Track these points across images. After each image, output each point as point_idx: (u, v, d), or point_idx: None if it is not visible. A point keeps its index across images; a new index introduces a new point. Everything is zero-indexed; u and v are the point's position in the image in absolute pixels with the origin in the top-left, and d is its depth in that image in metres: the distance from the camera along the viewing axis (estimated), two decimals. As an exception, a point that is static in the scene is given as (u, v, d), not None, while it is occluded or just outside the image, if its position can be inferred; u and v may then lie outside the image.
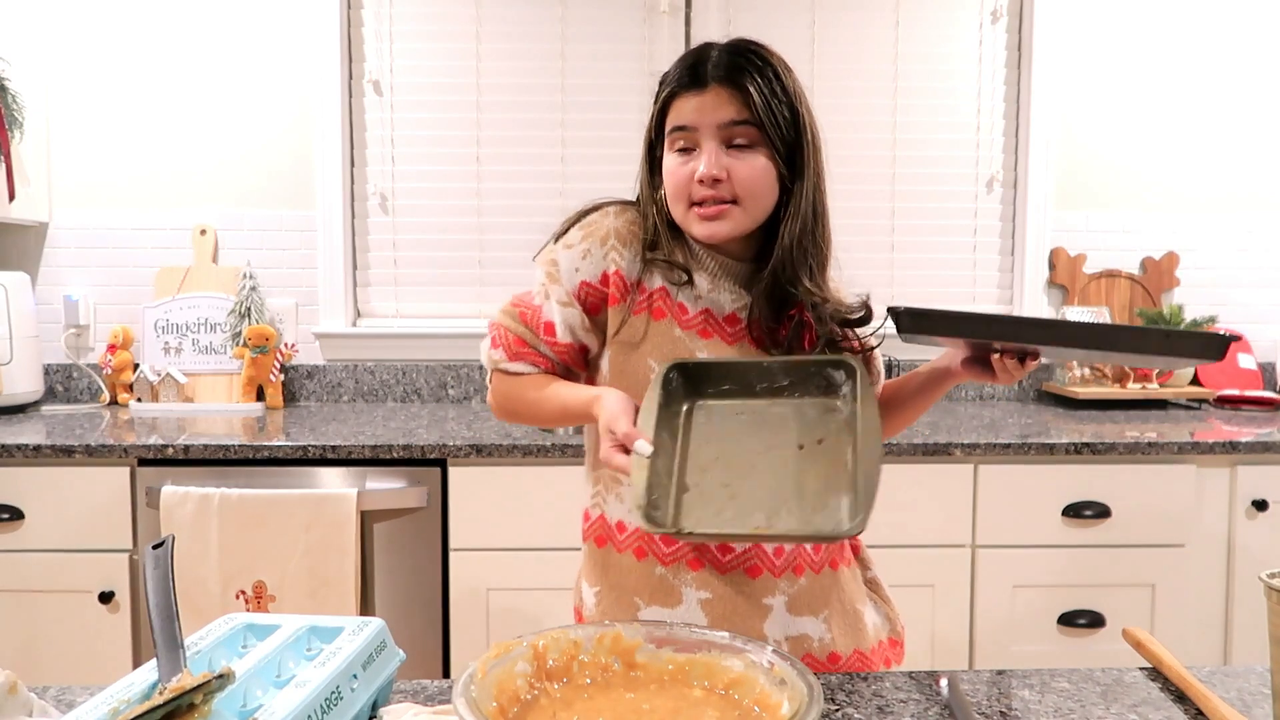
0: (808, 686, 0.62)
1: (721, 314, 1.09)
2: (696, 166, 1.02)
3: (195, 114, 2.46)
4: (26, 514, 1.88)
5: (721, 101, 1.01)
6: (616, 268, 1.07)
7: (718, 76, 1.01)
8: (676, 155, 1.05)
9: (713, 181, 1.02)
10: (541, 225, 2.51)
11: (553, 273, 1.09)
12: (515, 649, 0.69)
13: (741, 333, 1.08)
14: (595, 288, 1.08)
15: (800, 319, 1.06)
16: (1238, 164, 2.61)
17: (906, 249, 2.58)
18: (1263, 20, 2.57)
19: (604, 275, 1.08)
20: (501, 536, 1.90)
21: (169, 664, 0.67)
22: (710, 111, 1.01)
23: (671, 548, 1.06)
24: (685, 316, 1.08)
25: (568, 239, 1.10)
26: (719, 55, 1.03)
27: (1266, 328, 2.63)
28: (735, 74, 1.01)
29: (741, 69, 1.01)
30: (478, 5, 2.49)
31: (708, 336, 1.08)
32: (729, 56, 1.02)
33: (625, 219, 1.10)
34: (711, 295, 1.09)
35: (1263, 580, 0.74)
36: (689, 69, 1.03)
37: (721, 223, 1.04)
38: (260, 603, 1.84)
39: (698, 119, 1.02)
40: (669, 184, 1.06)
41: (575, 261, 1.08)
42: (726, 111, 1.01)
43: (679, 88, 1.04)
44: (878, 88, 2.55)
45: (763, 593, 1.05)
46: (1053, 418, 2.26)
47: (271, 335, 2.38)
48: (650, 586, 1.08)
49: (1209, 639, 2.02)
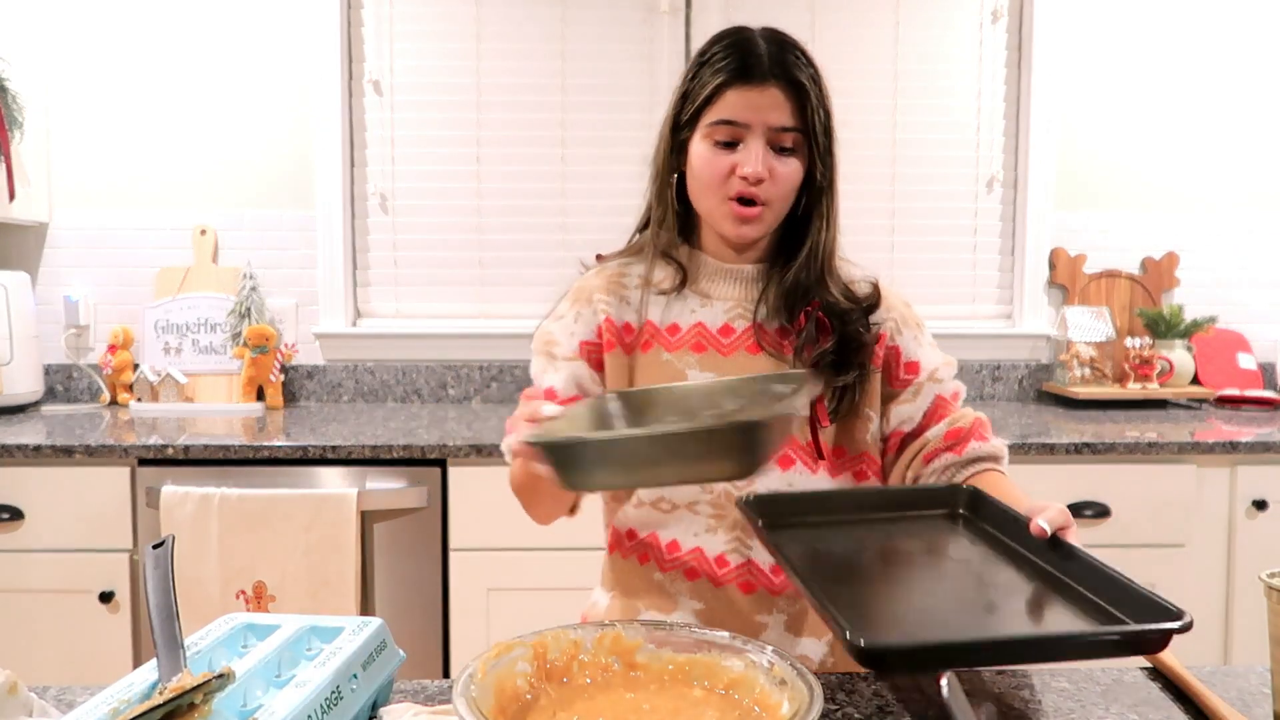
0: (808, 686, 0.62)
1: (715, 325, 1.08)
2: (738, 161, 1.01)
3: (195, 114, 2.46)
4: (26, 514, 1.88)
5: (776, 103, 1.00)
6: (606, 316, 1.09)
7: (776, 75, 1.00)
8: (715, 146, 1.03)
9: (757, 180, 1.01)
10: (541, 225, 2.55)
11: (550, 345, 1.10)
12: (515, 649, 0.69)
13: (738, 343, 1.07)
14: (593, 344, 1.09)
15: (816, 316, 1.05)
16: (1238, 164, 2.60)
17: (906, 249, 2.58)
18: (1263, 20, 2.57)
19: (598, 329, 1.09)
20: (501, 536, 1.90)
21: (169, 664, 0.67)
22: (765, 111, 1.00)
23: (672, 555, 1.07)
24: (675, 336, 1.08)
25: (557, 311, 1.13)
26: (771, 50, 1.01)
27: (1266, 328, 2.63)
28: (791, 74, 1.00)
29: (796, 68, 1.01)
30: (478, 5, 2.49)
31: (701, 350, 1.07)
32: (780, 52, 1.01)
33: (605, 275, 1.12)
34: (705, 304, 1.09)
35: (1263, 580, 0.74)
36: (741, 60, 1.01)
37: (755, 226, 1.04)
38: (260, 603, 1.84)
39: (751, 116, 1.00)
40: (704, 173, 1.04)
41: (570, 326, 1.10)
42: (781, 115, 1.01)
43: (732, 79, 1.01)
44: (877, 88, 2.55)
45: (757, 610, 1.06)
46: (1053, 418, 2.26)
47: (271, 335, 2.38)
48: (650, 590, 1.09)
49: (1209, 639, 2.02)
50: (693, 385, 0.97)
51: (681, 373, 1.06)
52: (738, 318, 1.08)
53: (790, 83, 1.00)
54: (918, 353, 1.11)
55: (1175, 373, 2.46)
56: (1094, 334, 2.48)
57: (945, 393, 1.11)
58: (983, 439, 1.09)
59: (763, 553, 1.05)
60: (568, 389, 1.07)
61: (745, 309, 1.09)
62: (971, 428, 1.09)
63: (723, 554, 1.06)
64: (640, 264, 1.13)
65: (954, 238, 2.60)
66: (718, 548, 1.06)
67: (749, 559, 1.06)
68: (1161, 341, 2.49)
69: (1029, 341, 2.60)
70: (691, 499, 1.07)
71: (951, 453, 1.08)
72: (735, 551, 1.06)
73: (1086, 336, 2.48)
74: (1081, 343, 2.47)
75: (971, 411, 1.11)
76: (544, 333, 1.12)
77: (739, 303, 1.09)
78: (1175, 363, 2.46)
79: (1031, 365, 2.60)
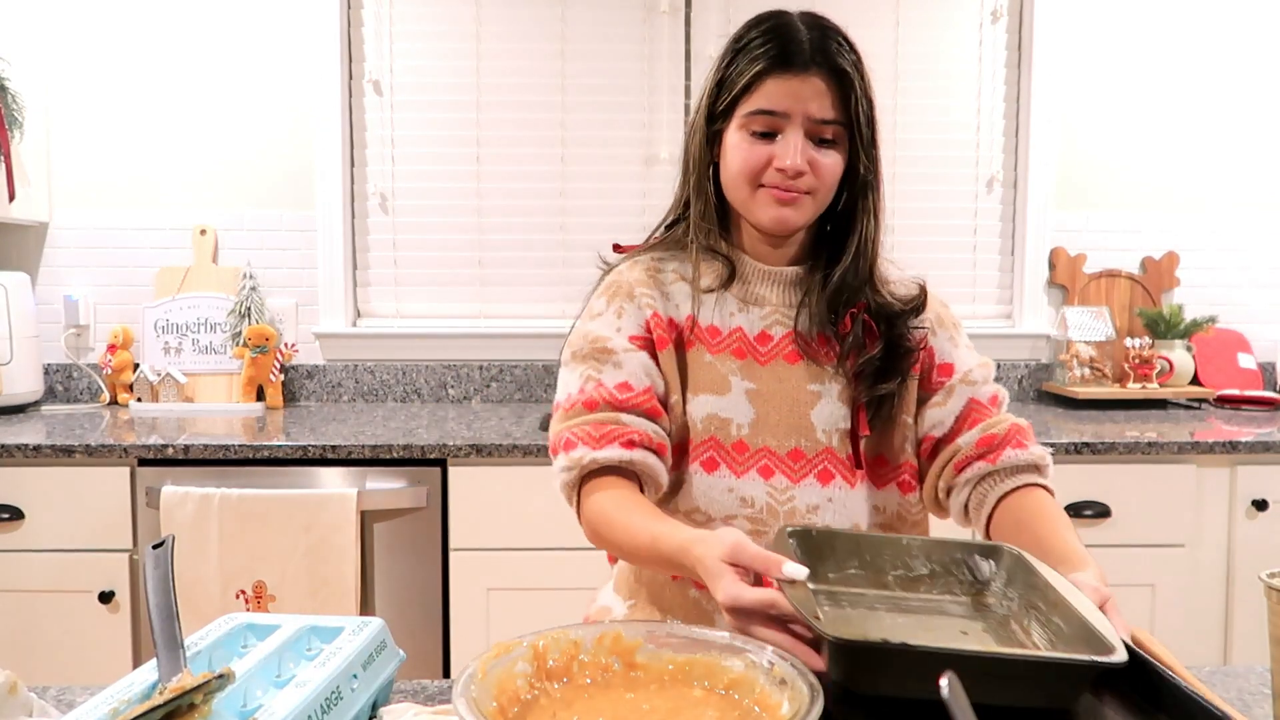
0: (808, 686, 0.62)
1: (753, 332, 1.04)
2: (776, 151, 0.97)
3: (195, 114, 2.46)
4: (26, 514, 1.88)
5: (818, 93, 0.95)
6: (653, 310, 1.04)
7: (818, 63, 0.95)
8: (751, 136, 0.98)
9: (796, 174, 0.96)
10: (541, 225, 2.55)
11: (597, 343, 1.03)
12: (515, 649, 0.69)
13: (775, 351, 1.04)
14: (643, 338, 1.04)
15: (862, 319, 1.01)
16: (1238, 164, 2.60)
17: (906, 249, 2.58)
18: (1262, 21, 2.57)
19: (645, 324, 1.04)
20: (501, 536, 1.90)
21: (169, 664, 0.67)
22: (806, 101, 0.95)
23: None
24: (716, 339, 1.04)
25: (592, 309, 1.06)
26: (813, 36, 0.96)
27: (1266, 328, 2.63)
28: (834, 62, 0.95)
29: (840, 55, 0.96)
30: (478, 5, 2.49)
31: (741, 357, 1.03)
32: (822, 38, 0.96)
33: (640, 269, 1.07)
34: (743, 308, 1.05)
35: (1263, 580, 0.74)
36: (782, 47, 0.96)
37: (796, 210, 0.98)
38: (260, 603, 1.84)
39: (791, 106, 0.96)
40: (738, 163, 0.99)
41: (614, 322, 1.04)
42: (822, 106, 0.96)
43: (771, 67, 0.96)
44: (878, 88, 2.53)
45: None
46: (1053, 417, 2.26)
47: (271, 335, 2.38)
48: (685, 608, 1.05)
49: (1209, 639, 2.02)
50: (878, 536, 0.87)
51: (725, 378, 1.02)
52: (775, 324, 1.04)
53: (833, 71, 0.96)
54: (953, 354, 1.07)
55: (1175, 373, 2.46)
56: (1094, 334, 2.48)
57: (981, 396, 1.05)
58: (1020, 446, 1.02)
59: None
60: (642, 381, 1.00)
61: (783, 315, 1.05)
62: (1007, 434, 1.03)
63: None
64: (675, 260, 1.08)
65: (954, 238, 2.60)
66: None
67: None
68: (1161, 341, 2.49)
69: (1029, 341, 2.60)
70: (729, 512, 1.02)
71: (984, 461, 1.02)
72: None
73: (1086, 336, 2.48)
74: (1081, 343, 2.47)
75: (1011, 417, 1.05)
76: (584, 334, 1.04)
77: (776, 308, 1.05)
78: (1175, 363, 2.46)
79: (1031, 365, 2.60)
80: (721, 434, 1.02)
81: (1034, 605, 0.76)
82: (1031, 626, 0.75)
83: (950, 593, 0.82)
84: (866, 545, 0.84)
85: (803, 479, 1.02)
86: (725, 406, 1.02)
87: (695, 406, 1.03)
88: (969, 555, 0.83)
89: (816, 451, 1.02)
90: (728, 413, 1.02)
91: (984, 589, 0.82)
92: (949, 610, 0.80)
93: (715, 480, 1.02)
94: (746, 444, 1.02)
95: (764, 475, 1.02)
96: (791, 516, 1.02)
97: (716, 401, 1.02)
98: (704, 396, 1.03)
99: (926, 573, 0.83)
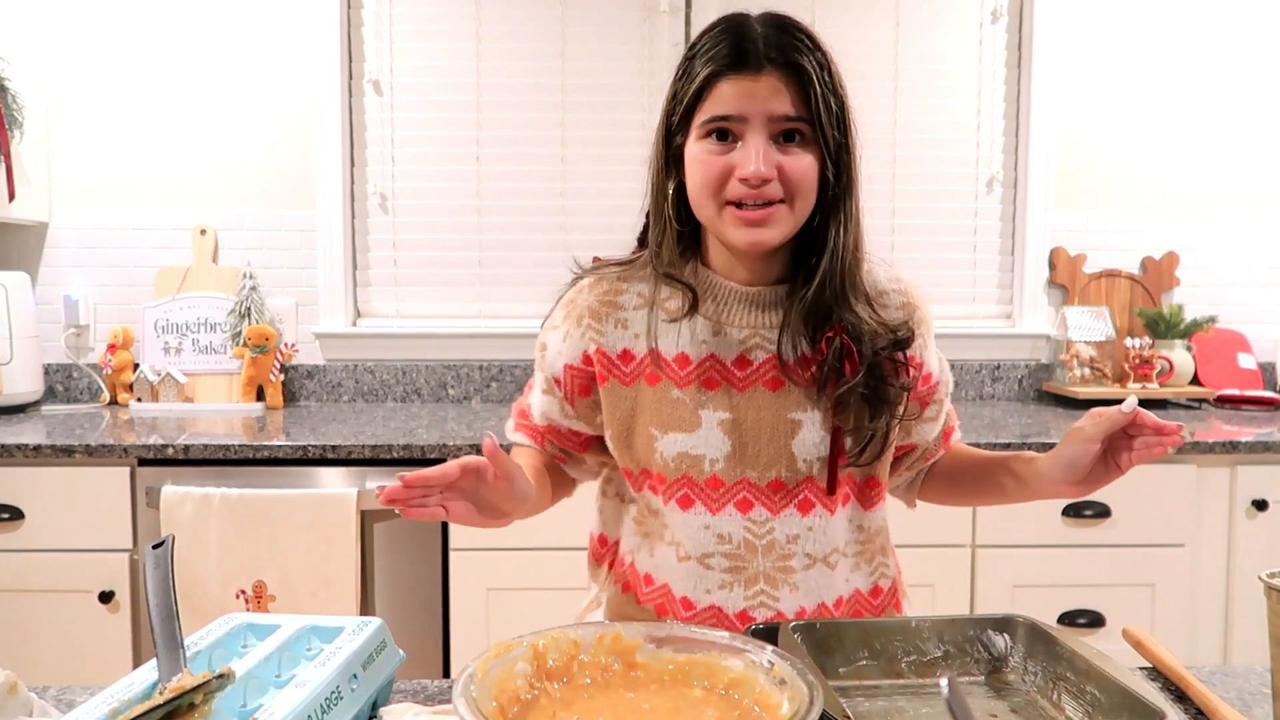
0: (808, 686, 0.62)
1: (729, 358, 0.98)
2: (737, 160, 0.89)
3: (195, 114, 2.46)
4: (26, 514, 1.88)
5: (776, 90, 0.88)
6: (597, 345, 1.00)
7: (772, 59, 0.88)
8: (710, 143, 0.90)
9: (760, 182, 0.88)
10: (541, 225, 2.55)
11: (540, 357, 1.07)
12: (515, 649, 0.69)
13: (755, 376, 0.97)
14: (580, 369, 1.02)
15: (840, 343, 0.94)
16: (1238, 164, 2.60)
17: (906, 249, 2.58)
18: (1262, 21, 2.57)
19: (585, 355, 1.02)
20: (501, 536, 1.90)
21: (169, 664, 0.67)
22: (763, 101, 0.88)
23: (690, 611, 1.01)
24: (685, 371, 0.98)
25: (552, 319, 1.06)
26: (768, 33, 0.89)
27: (1266, 328, 2.63)
28: (791, 57, 0.88)
29: (797, 51, 0.88)
30: (478, 5, 2.49)
31: (714, 387, 0.97)
32: (778, 35, 0.89)
33: (598, 292, 1.02)
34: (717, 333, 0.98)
35: (1263, 580, 0.74)
36: (734, 47, 0.88)
37: (770, 229, 0.90)
38: (260, 603, 1.84)
39: (747, 108, 0.88)
40: (700, 176, 0.91)
41: (558, 345, 1.04)
42: (781, 103, 0.88)
43: (723, 68, 0.88)
44: (878, 88, 2.55)
45: None
46: (1053, 417, 2.26)
47: (271, 335, 2.38)
48: None
49: (1209, 639, 2.02)
50: (883, 621, 0.84)
51: (694, 413, 0.97)
52: (755, 348, 0.97)
53: (790, 67, 0.88)
54: (929, 359, 1.04)
55: (1175, 372, 2.46)
56: (1094, 334, 2.48)
57: (949, 400, 1.11)
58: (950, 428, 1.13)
59: (792, 603, 0.99)
60: (539, 419, 1.08)
61: (763, 338, 0.98)
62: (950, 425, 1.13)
63: (745, 610, 0.99)
64: (641, 282, 1.01)
65: (954, 238, 2.60)
66: (738, 604, 0.99)
67: (778, 612, 0.99)
68: (1161, 341, 2.49)
69: (1029, 341, 2.60)
70: (705, 550, 0.99)
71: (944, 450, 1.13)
72: (762, 606, 0.98)
73: (1086, 336, 2.48)
74: (1081, 342, 2.47)
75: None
76: (542, 339, 1.07)
77: (756, 330, 0.98)
78: (1175, 362, 2.46)
79: (1031, 365, 2.60)
80: (694, 471, 0.98)
81: (1061, 677, 0.74)
82: (1063, 700, 0.73)
83: (968, 674, 0.80)
84: (874, 632, 0.81)
85: (783, 510, 0.98)
86: (696, 444, 0.97)
87: (665, 445, 0.98)
88: (981, 631, 0.81)
89: (797, 481, 0.98)
90: (699, 449, 0.97)
91: (1002, 666, 0.79)
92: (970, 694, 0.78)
93: (690, 518, 0.99)
94: (722, 479, 0.98)
95: (741, 509, 0.98)
96: (770, 550, 0.99)
97: (687, 439, 0.97)
98: (673, 435, 0.98)
99: (940, 655, 0.81)
